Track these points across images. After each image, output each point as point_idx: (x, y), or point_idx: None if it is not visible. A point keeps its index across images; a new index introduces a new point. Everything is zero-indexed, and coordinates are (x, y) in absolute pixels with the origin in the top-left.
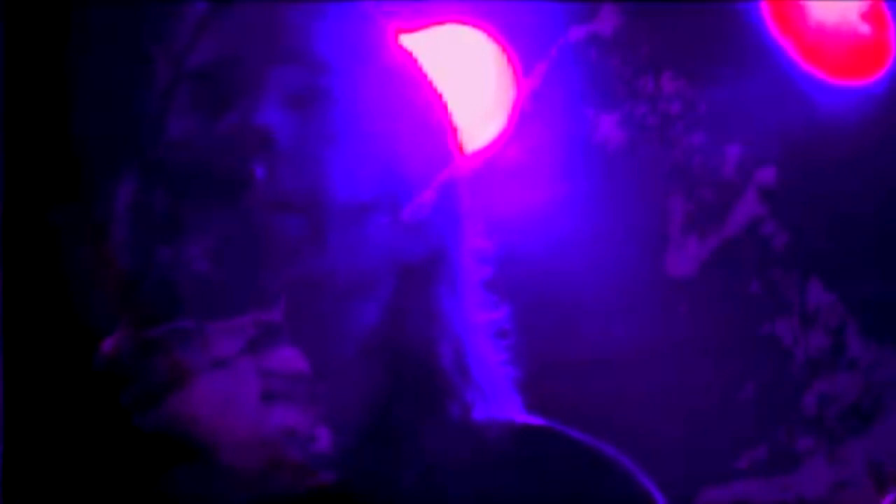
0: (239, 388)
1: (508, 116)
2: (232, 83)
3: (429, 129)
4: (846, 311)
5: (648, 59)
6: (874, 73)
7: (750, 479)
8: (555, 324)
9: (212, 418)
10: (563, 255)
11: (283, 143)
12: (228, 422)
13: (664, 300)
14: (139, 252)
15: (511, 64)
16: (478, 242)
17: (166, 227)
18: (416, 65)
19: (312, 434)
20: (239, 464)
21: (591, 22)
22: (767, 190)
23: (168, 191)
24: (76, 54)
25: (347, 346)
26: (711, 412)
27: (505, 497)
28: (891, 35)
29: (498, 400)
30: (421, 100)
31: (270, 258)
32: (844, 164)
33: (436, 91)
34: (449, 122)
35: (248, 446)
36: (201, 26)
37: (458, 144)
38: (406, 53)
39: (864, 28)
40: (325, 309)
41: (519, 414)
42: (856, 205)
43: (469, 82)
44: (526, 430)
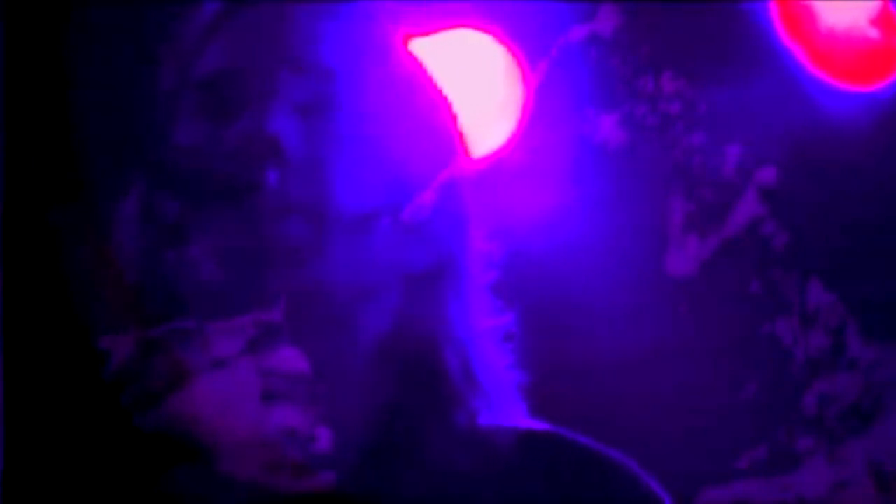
0: (239, 388)
1: (516, 119)
2: (240, 90)
3: (436, 134)
4: (846, 311)
5: (648, 59)
6: (882, 77)
7: (750, 479)
8: (554, 325)
9: (212, 418)
10: (562, 256)
11: (292, 150)
12: (229, 422)
13: (664, 300)
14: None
15: (518, 67)
16: (483, 246)
17: (173, 231)
18: (424, 69)
19: (312, 434)
20: (239, 464)
21: (591, 22)
22: (767, 190)
23: (175, 195)
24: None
25: (354, 352)
26: (711, 412)
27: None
28: None
29: (503, 405)
30: (428, 104)
31: (276, 264)
32: (845, 165)
33: (443, 95)
34: (456, 126)
35: (248, 446)
36: (209, 31)
37: (466, 149)
38: (413, 58)
39: (873, 33)
40: (331, 314)
41: (524, 419)
42: (856, 205)
43: (476, 86)
44: (531, 435)
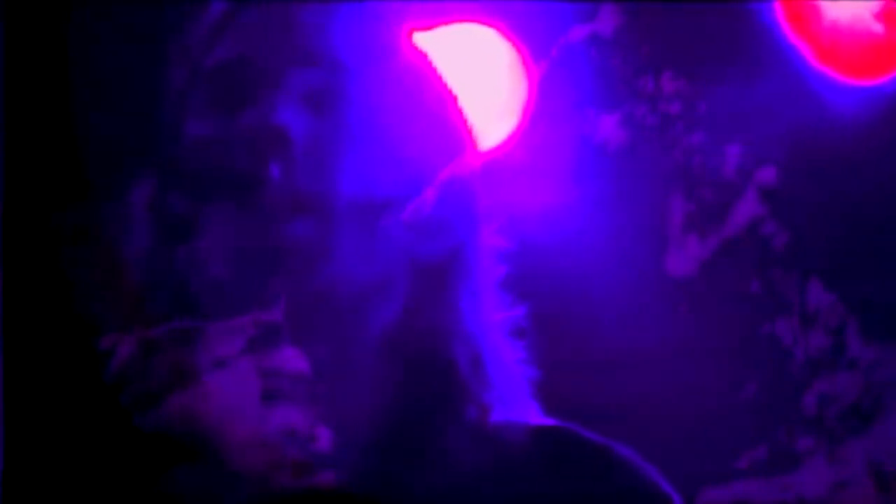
0: (240, 388)
1: (520, 114)
2: (248, 84)
3: (442, 127)
4: (846, 311)
5: (648, 59)
6: (886, 72)
7: (750, 479)
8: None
9: (213, 418)
10: (561, 256)
11: (299, 142)
12: (229, 421)
13: (664, 300)
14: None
15: (523, 62)
16: (493, 241)
17: (182, 227)
18: (430, 64)
19: (312, 434)
20: (239, 463)
21: (592, 22)
22: (767, 190)
23: (185, 191)
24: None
25: (363, 347)
26: (711, 412)
27: (521, 498)
28: None
29: (513, 401)
30: (434, 99)
31: (285, 258)
32: (846, 164)
33: (449, 90)
34: (462, 120)
35: (248, 446)
36: (218, 28)
37: (472, 143)
38: (419, 53)
39: (878, 28)
40: (338, 311)
41: (534, 415)
42: (856, 205)
43: (482, 81)
44: (541, 431)
